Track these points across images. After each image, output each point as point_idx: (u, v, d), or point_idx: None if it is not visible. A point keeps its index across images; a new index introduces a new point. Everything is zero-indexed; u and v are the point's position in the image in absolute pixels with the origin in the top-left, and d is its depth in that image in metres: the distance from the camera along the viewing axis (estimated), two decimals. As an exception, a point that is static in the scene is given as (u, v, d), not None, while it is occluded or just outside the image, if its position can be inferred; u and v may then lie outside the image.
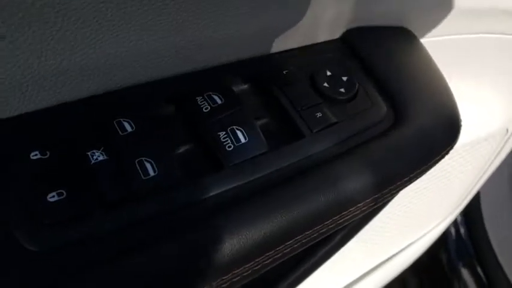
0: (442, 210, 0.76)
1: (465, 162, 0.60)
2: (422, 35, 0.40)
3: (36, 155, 0.24)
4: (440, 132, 0.32)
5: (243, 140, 0.27)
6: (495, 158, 0.68)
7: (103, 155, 0.24)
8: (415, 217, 0.70)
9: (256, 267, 0.27)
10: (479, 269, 1.13)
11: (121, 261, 0.22)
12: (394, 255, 0.83)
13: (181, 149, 0.27)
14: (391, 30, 0.37)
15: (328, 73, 0.32)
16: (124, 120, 0.26)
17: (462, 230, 1.17)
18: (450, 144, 0.33)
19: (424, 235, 0.80)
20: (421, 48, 0.38)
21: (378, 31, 0.36)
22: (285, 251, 0.28)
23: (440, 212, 0.76)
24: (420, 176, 0.32)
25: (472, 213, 1.11)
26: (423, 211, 0.69)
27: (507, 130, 0.62)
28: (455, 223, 1.17)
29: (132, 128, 0.26)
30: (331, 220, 0.29)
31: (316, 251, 0.54)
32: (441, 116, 0.33)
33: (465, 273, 1.16)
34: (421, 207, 0.67)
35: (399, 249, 0.79)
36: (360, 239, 0.60)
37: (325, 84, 0.31)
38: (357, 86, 0.32)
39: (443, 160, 0.47)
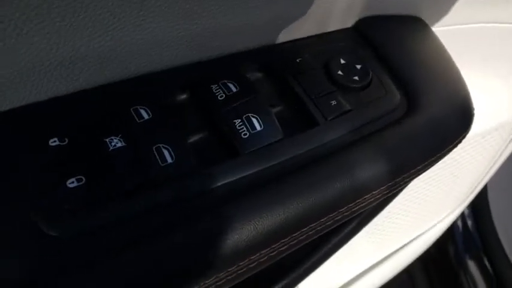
0: (451, 201, 0.76)
1: (475, 153, 0.60)
2: (433, 24, 0.40)
3: (55, 141, 0.24)
4: (454, 121, 0.32)
5: (258, 128, 0.27)
6: (505, 148, 0.67)
7: (121, 141, 0.24)
8: (424, 208, 0.70)
9: (272, 254, 0.27)
10: (486, 262, 1.13)
11: (138, 248, 0.22)
12: (402, 247, 0.83)
13: (197, 137, 0.27)
14: (403, 19, 0.37)
15: (342, 61, 0.32)
16: (141, 108, 0.26)
17: (469, 223, 1.17)
18: (463, 133, 0.33)
19: (433, 226, 0.80)
20: (433, 37, 0.38)
21: (390, 20, 0.36)
22: (300, 238, 0.28)
23: (450, 203, 0.76)
24: (434, 164, 0.32)
25: (479, 205, 1.10)
26: (432, 202, 0.69)
27: (517, 121, 0.61)
28: (462, 216, 1.16)
29: (148, 115, 0.26)
30: (346, 208, 0.29)
31: (326, 242, 0.54)
32: (455, 105, 0.33)
33: (472, 266, 1.16)
34: (430, 198, 0.67)
35: (408, 240, 0.79)
36: (368, 230, 0.60)
37: (339, 72, 0.31)
38: (370, 74, 0.32)
39: (453, 150, 0.46)
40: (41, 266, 0.21)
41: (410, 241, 0.83)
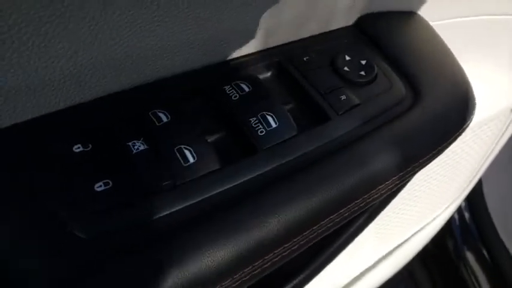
0: (451, 192, 0.77)
1: (472, 143, 0.62)
2: (431, 19, 0.41)
3: (78, 147, 0.24)
4: (459, 108, 0.33)
5: (273, 125, 0.28)
6: (500, 138, 0.69)
7: (143, 144, 0.25)
8: (428, 200, 0.71)
9: (293, 247, 0.27)
10: (485, 253, 1.14)
11: (167, 247, 0.23)
12: (405, 241, 0.84)
13: (214, 137, 0.28)
14: (402, 14, 0.38)
15: (347, 58, 0.33)
16: (159, 112, 0.26)
17: (466, 215, 1.18)
18: (468, 119, 0.34)
19: (435, 218, 0.81)
20: (431, 31, 0.39)
21: (390, 16, 0.37)
22: (319, 231, 0.28)
23: (450, 194, 0.77)
24: (442, 152, 0.33)
25: (474, 197, 1.12)
26: (435, 194, 0.70)
27: (511, 110, 0.63)
28: (459, 209, 1.18)
29: (167, 118, 0.26)
30: (361, 199, 0.29)
31: (335, 239, 0.55)
32: (458, 93, 0.34)
33: (471, 258, 1.17)
34: (432, 190, 0.68)
35: (412, 233, 0.80)
36: (375, 225, 0.61)
37: (346, 68, 0.32)
38: (375, 69, 0.33)
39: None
40: (76, 267, 0.21)
41: (413, 234, 0.84)
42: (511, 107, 0.62)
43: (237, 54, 0.31)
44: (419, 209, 0.71)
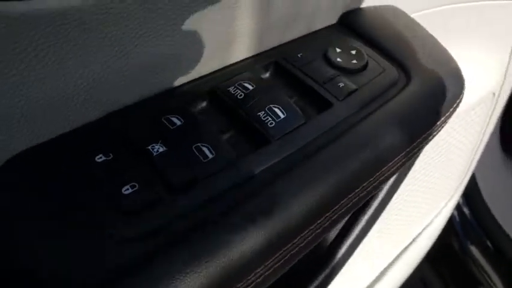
0: (447, 189, 0.78)
1: (463, 130, 0.64)
2: (409, 10, 0.43)
3: (100, 158, 0.25)
4: (450, 83, 0.35)
5: (281, 116, 0.29)
6: (487, 125, 0.71)
7: (162, 147, 0.26)
8: (427, 196, 0.72)
9: (318, 230, 0.28)
10: (489, 244, 1.15)
11: (198, 238, 0.23)
12: (411, 243, 0.85)
13: (227, 135, 0.29)
14: (382, 8, 0.40)
15: (338, 50, 0.35)
16: (172, 116, 0.28)
17: (466, 211, 1.20)
18: (460, 94, 0.36)
19: (435, 217, 0.82)
20: (411, 21, 0.41)
21: (371, 10, 0.39)
22: (340, 212, 0.29)
23: (446, 191, 0.79)
24: (441, 128, 0.35)
25: (471, 192, 1.13)
26: (433, 190, 0.71)
27: (494, 94, 0.65)
28: (458, 206, 1.19)
29: (180, 121, 0.27)
30: (374, 177, 0.30)
31: (343, 241, 0.55)
32: (447, 70, 0.36)
33: (477, 253, 1.18)
34: (430, 185, 0.69)
35: (416, 233, 0.81)
36: (377, 228, 0.61)
37: (338, 59, 0.34)
38: (366, 56, 0.34)
39: (442, 132, 0.50)
40: (114, 268, 0.22)
41: (417, 235, 0.84)
42: (493, 91, 0.64)
43: (234, 59, 0.32)
44: (420, 208, 0.72)
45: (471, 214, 1.19)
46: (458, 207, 1.21)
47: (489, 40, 0.59)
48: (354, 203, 0.30)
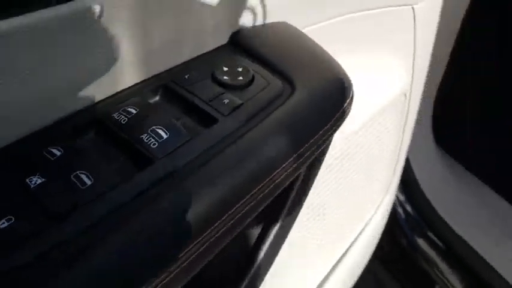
0: (377, 187, 0.81)
1: (382, 129, 0.67)
2: (301, 25, 0.46)
3: (-25, 194, 0.25)
4: (336, 89, 0.37)
5: (164, 136, 0.30)
6: (405, 123, 0.75)
7: (40, 178, 0.26)
8: (357, 202, 0.74)
9: (206, 246, 0.29)
10: (435, 238, 1.19)
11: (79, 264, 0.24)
12: (349, 248, 0.86)
13: (113, 160, 0.30)
14: (271, 25, 0.43)
15: (225, 68, 0.36)
16: (52, 148, 0.28)
17: (408, 208, 1.24)
18: (345, 102, 0.38)
19: (374, 215, 0.85)
20: (300, 34, 0.44)
21: (259, 28, 0.42)
22: (232, 222, 0.30)
23: (376, 190, 0.82)
24: (328, 135, 0.37)
25: (411, 187, 1.18)
26: (360, 194, 0.74)
27: (405, 95, 0.69)
28: (400, 203, 1.23)
29: (60, 152, 0.28)
30: (263, 185, 0.32)
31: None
32: (332, 77, 0.38)
33: (426, 247, 1.22)
34: (355, 191, 0.71)
35: (353, 237, 0.82)
36: (308, 235, 0.63)
37: (225, 77, 0.36)
38: (251, 71, 0.36)
39: (359, 138, 0.52)
40: None
41: (355, 239, 0.86)
42: (404, 92, 0.68)
43: (123, 86, 0.34)
44: (351, 212, 0.75)
45: (413, 209, 1.23)
46: (400, 204, 1.25)
47: (393, 45, 0.63)
48: (247, 214, 0.32)
